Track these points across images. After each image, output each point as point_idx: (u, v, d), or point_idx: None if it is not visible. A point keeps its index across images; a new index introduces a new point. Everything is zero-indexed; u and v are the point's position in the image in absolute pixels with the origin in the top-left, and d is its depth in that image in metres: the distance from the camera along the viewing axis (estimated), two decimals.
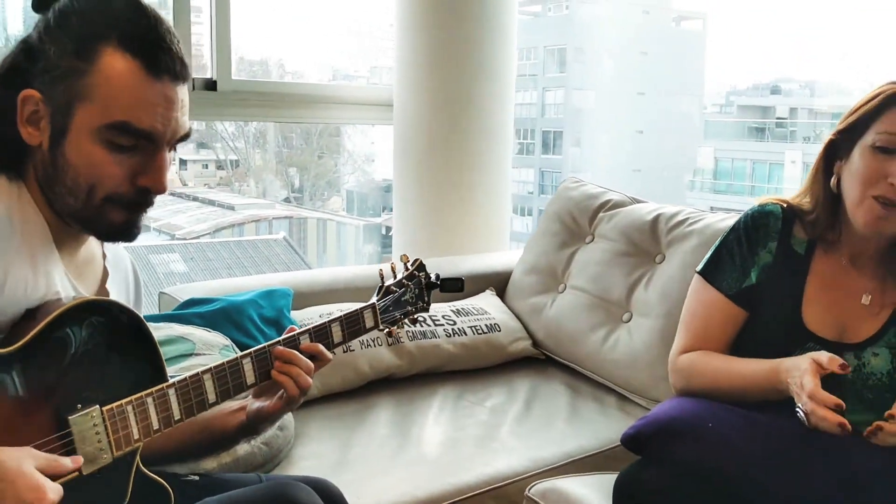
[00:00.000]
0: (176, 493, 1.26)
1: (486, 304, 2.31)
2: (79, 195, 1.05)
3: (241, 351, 1.22)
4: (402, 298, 1.42)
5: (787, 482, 1.27)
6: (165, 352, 1.62)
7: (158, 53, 1.04)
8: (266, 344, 1.21)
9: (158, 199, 1.10)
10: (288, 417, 1.72)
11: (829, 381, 1.29)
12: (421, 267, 1.46)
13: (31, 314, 1.03)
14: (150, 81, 1.04)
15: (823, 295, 1.45)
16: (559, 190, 2.46)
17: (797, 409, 1.25)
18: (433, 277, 1.49)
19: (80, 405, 1.01)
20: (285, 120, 3.57)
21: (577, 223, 2.31)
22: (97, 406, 1.02)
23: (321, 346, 1.25)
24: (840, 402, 1.20)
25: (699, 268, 1.54)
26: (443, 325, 2.13)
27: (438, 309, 2.18)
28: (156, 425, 1.08)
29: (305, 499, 1.13)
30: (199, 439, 1.28)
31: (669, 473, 1.31)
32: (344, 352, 1.95)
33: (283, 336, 1.24)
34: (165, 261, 6.73)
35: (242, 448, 1.55)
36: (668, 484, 1.31)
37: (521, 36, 2.89)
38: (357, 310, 1.34)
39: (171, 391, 1.09)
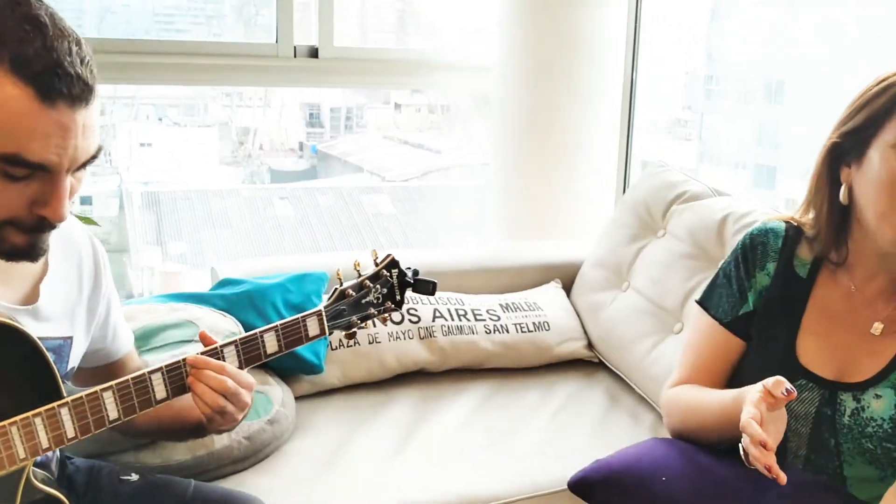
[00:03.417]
0: (109, 493, 1.31)
1: (545, 297, 2.16)
2: None
3: None
4: (363, 301, 1.32)
5: None
6: (165, 336, 1.68)
7: (53, 79, 0.95)
8: (182, 357, 1.19)
9: (371, 142, 1.05)
10: (286, 411, 1.72)
11: (823, 425, 1.13)
12: (392, 264, 1.35)
13: None
14: (44, 110, 0.95)
15: (824, 325, 1.23)
16: (641, 176, 2.24)
17: (740, 445, 1.06)
18: (409, 275, 1.37)
19: None
20: (385, 86, 3.55)
21: (650, 215, 2.09)
22: None
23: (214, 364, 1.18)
24: (766, 439, 0.99)
25: (698, 295, 1.34)
26: (484, 320, 2.03)
27: (484, 302, 2.07)
28: (45, 444, 1.06)
29: None
30: (172, 426, 1.30)
31: None
32: (370, 343, 1.92)
33: (206, 349, 1.21)
34: (375, 202, 7.07)
35: (220, 441, 1.57)
36: None
37: None
38: (299, 317, 1.28)
39: (64, 410, 1.07)
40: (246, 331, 1.76)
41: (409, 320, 1.96)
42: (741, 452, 1.05)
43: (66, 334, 1.19)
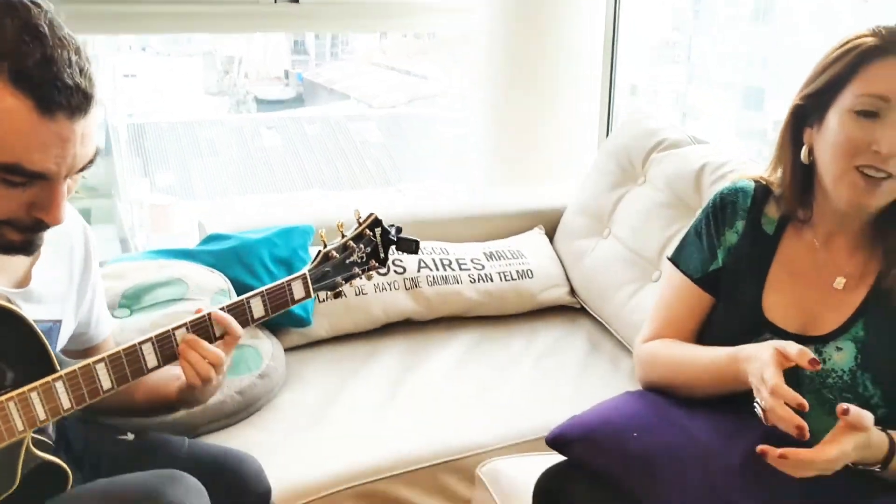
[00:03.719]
0: (106, 454, 1.37)
1: (528, 245, 2.20)
2: None
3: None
4: (348, 261, 1.35)
5: None
6: (157, 295, 1.72)
7: (52, 92, 0.95)
8: (171, 327, 1.23)
9: (357, 69, 1.07)
10: (276, 365, 1.78)
11: (786, 377, 1.13)
12: (375, 223, 1.38)
13: None
14: (44, 122, 0.96)
15: (789, 280, 1.28)
16: (621, 123, 2.25)
17: (755, 404, 1.11)
18: (392, 233, 1.40)
19: None
20: (366, 30, 3.52)
21: (631, 162, 2.11)
22: None
23: (229, 320, 1.24)
24: (803, 401, 1.04)
25: (670, 252, 1.39)
26: (469, 269, 2.07)
27: (469, 251, 2.11)
28: (42, 416, 1.11)
29: (178, 498, 1.13)
30: (145, 402, 1.35)
31: (588, 481, 1.25)
32: (357, 295, 1.96)
33: (192, 318, 1.25)
34: (362, 130, 7.03)
35: (213, 397, 1.62)
36: (585, 492, 1.25)
37: None
38: (284, 281, 1.31)
39: (59, 383, 1.12)
40: (234, 286, 1.83)
41: (395, 271, 2.00)
42: (757, 411, 1.09)
43: (55, 317, 1.23)
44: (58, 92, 0.95)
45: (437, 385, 1.81)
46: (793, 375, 1.20)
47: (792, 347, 1.10)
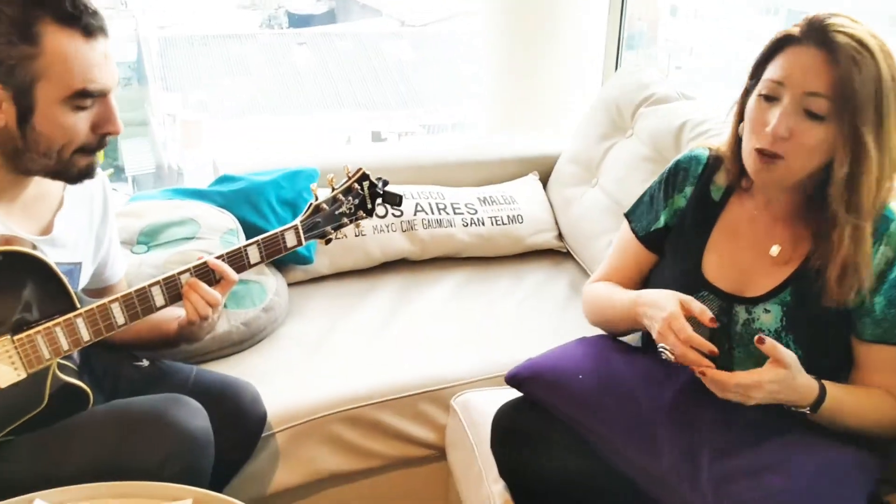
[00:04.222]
0: (123, 378, 1.57)
1: (521, 191, 2.33)
2: (52, 155, 1.26)
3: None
4: (337, 212, 1.49)
5: (637, 450, 1.32)
6: (171, 234, 1.90)
7: (87, 17, 1.20)
8: (176, 271, 1.40)
9: None
10: (279, 300, 1.95)
11: (719, 331, 1.33)
12: (363, 177, 1.52)
13: None
14: (90, 45, 1.21)
15: (728, 244, 1.41)
16: (615, 75, 2.34)
17: (661, 349, 1.28)
18: (379, 186, 1.53)
19: None
20: None
21: (620, 114, 2.21)
22: (8, 335, 1.25)
23: (224, 267, 1.40)
24: (714, 348, 1.23)
25: (627, 209, 1.54)
26: (462, 213, 2.21)
27: (463, 196, 2.25)
28: (65, 347, 1.30)
29: (181, 421, 1.31)
30: (150, 338, 1.54)
31: (539, 416, 1.41)
32: (356, 235, 2.12)
33: (194, 264, 1.42)
34: (395, 48, 7.06)
35: (221, 327, 1.81)
36: (536, 425, 1.41)
37: None
38: (278, 231, 1.46)
39: (80, 319, 1.30)
40: (242, 226, 1.99)
41: (393, 214, 2.15)
42: (665, 355, 1.26)
43: (76, 260, 1.40)
44: (92, 18, 1.21)
45: (426, 321, 1.97)
46: (725, 332, 1.36)
47: (695, 305, 1.27)
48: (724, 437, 1.27)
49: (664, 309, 1.28)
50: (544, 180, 2.41)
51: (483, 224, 2.21)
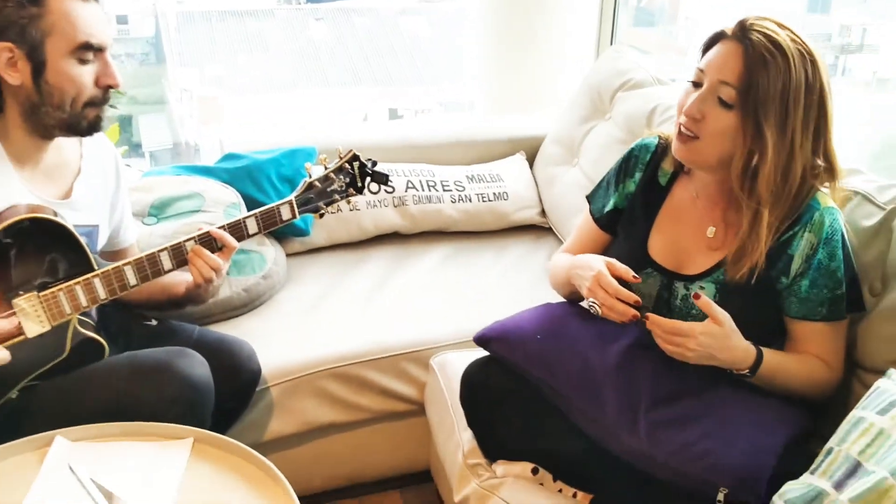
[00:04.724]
0: (135, 335, 1.75)
1: (508, 169, 2.48)
2: (65, 107, 1.46)
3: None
4: (329, 189, 1.64)
5: (585, 402, 1.47)
6: (179, 207, 2.08)
7: None
8: (183, 239, 1.55)
9: None
10: (278, 268, 2.13)
11: (661, 304, 1.49)
12: (354, 158, 1.65)
13: None
14: (86, 4, 1.42)
15: (670, 226, 1.55)
16: (598, 60, 2.47)
17: (590, 304, 1.47)
18: (369, 166, 1.67)
19: (21, 292, 1.43)
20: None
21: (601, 98, 2.35)
22: (34, 292, 1.43)
23: (225, 236, 1.55)
24: (637, 298, 1.41)
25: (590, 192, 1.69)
26: (451, 190, 2.37)
27: (452, 174, 2.41)
28: (84, 303, 1.47)
29: (185, 370, 1.48)
30: (160, 299, 1.72)
31: (503, 372, 1.57)
32: (351, 210, 2.28)
33: (197, 233, 1.58)
34: (412, 25, 7.16)
35: (223, 293, 1.99)
36: (500, 380, 1.57)
37: None
38: (275, 205, 1.62)
39: (97, 279, 1.48)
40: (245, 200, 2.16)
41: (385, 190, 2.31)
42: (594, 309, 1.44)
43: (94, 223, 1.58)
44: None
45: (412, 290, 2.14)
46: (665, 305, 1.50)
47: (618, 265, 1.43)
48: (660, 390, 1.42)
49: (593, 269, 1.45)
50: (531, 160, 2.56)
51: (470, 200, 2.37)
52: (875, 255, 1.49)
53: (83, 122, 1.49)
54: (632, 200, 1.60)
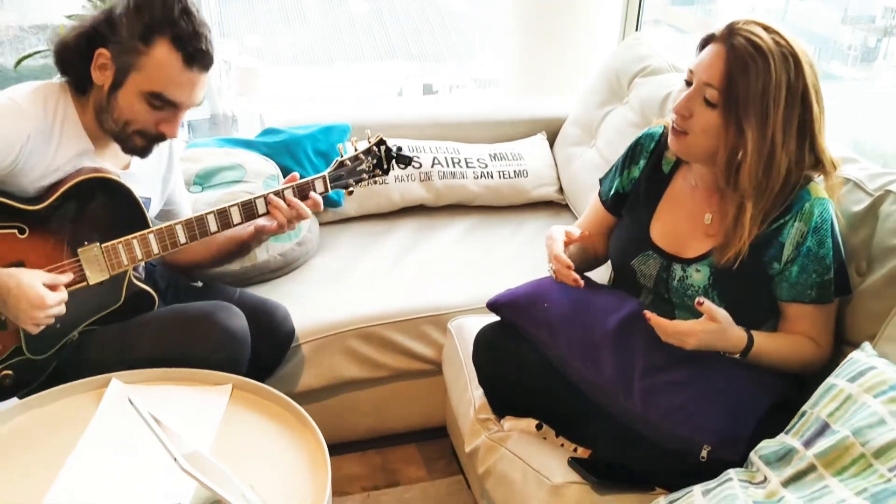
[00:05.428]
0: (182, 292, 1.92)
1: (529, 149, 2.61)
2: (118, 125, 1.60)
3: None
4: (358, 168, 1.80)
5: (585, 366, 1.59)
6: (221, 176, 2.25)
7: (195, 53, 1.54)
8: (253, 196, 1.69)
9: None
10: (312, 236, 2.29)
11: (660, 284, 1.60)
12: (381, 142, 1.82)
13: (56, 185, 1.60)
14: (186, 71, 1.53)
15: (671, 212, 1.65)
16: (618, 46, 2.58)
17: (549, 268, 1.63)
18: (394, 150, 1.84)
19: (86, 242, 1.61)
20: None
21: (619, 83, 2.47)
22: (97, 243, 1.61)
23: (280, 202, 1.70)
24: (571, 264, 1.58)
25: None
26: (474, 167, 2.51)
27: (476, 152, 2.55)
28: (140, 256, 1.64)
29: (225, 321, 1.65)
30: (229, 247, 1.83)
31: (512, 336, 1.71)
32: (377, 184, 2.42)
33: (283, 186, 1.71)
34: (451, 0, 7.17)
35: (261, 257, 2.16)
36: (509, 343, 1.71)
37: None
38: (310, 179, 1.77)
39: (152, 235, 1.64)
40: (283, 172, 2.33)
41: (413, 166, 2.46)
42: (550, 269, 1.59)
43: (147, 195, 1.75)
44: (199, 53, 1.54)
45: (434, 258, 2.29)
46: (664, 285, 1.62)
47: (573, 230, 1.61)
48: (654, 358, 1.54)
49: (552, 238, 1.62)
50: (552, 140, 2.68)
51: (492, 177, 2.51)
52: (862, 238, 1.59)
53: (129, 143, 1.62)
54: (636, 186, 1.71)
